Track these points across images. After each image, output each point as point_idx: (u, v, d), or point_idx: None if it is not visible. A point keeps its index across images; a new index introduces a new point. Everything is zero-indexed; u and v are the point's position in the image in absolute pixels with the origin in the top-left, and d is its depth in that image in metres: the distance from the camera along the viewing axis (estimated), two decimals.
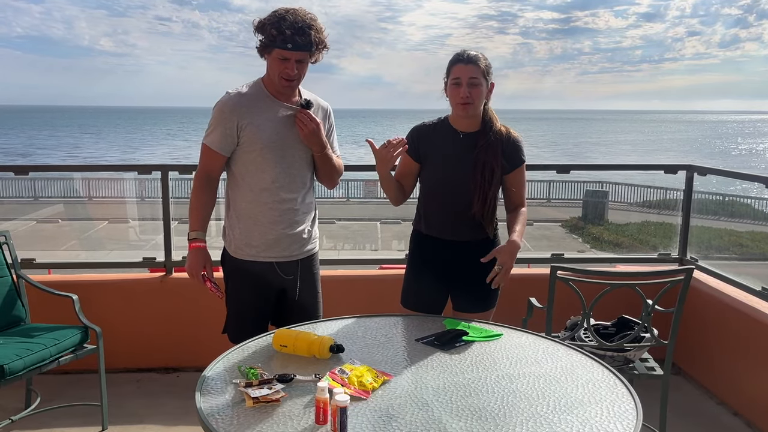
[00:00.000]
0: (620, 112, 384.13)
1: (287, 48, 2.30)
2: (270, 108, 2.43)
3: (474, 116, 2.52)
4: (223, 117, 2.39)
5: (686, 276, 2.62)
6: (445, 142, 2.56)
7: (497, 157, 2.50)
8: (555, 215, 21.35)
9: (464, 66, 2.45)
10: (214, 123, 2.42)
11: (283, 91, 2.43)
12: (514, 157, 2.55)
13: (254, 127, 2.39)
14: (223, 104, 2.41)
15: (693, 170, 3.93)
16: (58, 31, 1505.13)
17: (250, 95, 2.43)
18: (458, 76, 2.45)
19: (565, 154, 60.92)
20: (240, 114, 2.38)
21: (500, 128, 2.55)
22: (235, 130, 2.39)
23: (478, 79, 2.44)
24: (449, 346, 2.15)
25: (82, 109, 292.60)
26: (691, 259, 3.93)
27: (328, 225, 17.03)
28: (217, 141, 2.41)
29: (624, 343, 2.71)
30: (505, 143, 2.53)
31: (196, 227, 2.44)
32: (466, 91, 2.43)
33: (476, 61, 2.45)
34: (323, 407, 1.60)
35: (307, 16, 2.32)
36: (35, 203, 20.91)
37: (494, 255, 2.41)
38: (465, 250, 2.57)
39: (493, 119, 2.55)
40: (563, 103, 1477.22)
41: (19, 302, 3.14)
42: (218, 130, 2.41)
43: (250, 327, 2.39)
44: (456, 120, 2.56)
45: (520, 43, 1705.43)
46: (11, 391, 3.10)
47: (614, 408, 1.73)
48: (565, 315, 2.88)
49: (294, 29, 2.28)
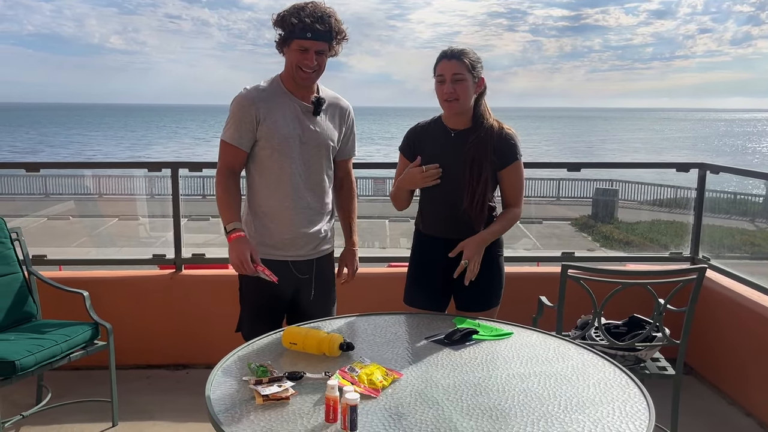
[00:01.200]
0: (630, 110, 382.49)
1: (307, 37, 2.29)
2: (287, 104, 2.42)
3: (464, 113, 2.49)
4: (242, 111, 2.38)
5: (699, 275, 2.59)
6: (437, 140, 2.55)
7: (486, 153, 2.47)
8: (565, 213, 21.28)
9: (447, 62, 2.43)
10: (232, 118, 2.40)
11: (302, 83, 2.40)
12: (506, 153, 2.50)
13: (271, 122, 2.38)
14: (242, 98, 2.39)
15: (705, 168, 3.89)
16: (69, 29, 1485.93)
17: (268, 90, 2.42)
18: (442, 72, 2.43)
19: (575, 152, 60.71)
20: (258, 108, 2.37)
21: (492, 123, 2.51)
22: (254, 124, 2.38)
23: (462, 75, 2.41)
24: (459, 344, 2.13)
25: (93, 106, 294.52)
26: (703, 258, 3.89)
27: (337, 223, 17.00)
28: (237, 136, 2.40)
29: (635, 343, 2.69)
30: (496, 138, 2.49)
31: (232, 218, 2.37)
32: (450, 87, 2.41)
33: (460, 56, 2.42)
34: (333, 405, 1.60)
35: (327, 8, 2.33)
36: (46, 200, 21.05)
37: (460, 249, 2.43)
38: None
39: (485, 115, 2.51)
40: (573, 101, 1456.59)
41: (30, 298, 3.16)
42: (237, 125, 2.39)
43: (264, 326, 2.39)
44: (448, 118, 2.54)
45: (529, 41, 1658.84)
46: (23, 387, 3.12)
47: (626, 408, 1.71)
48: (576, 314, 2.86)
49: (314, 18, 2.28)
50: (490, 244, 2.55)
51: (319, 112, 2.45)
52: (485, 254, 2.53)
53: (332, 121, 2.52)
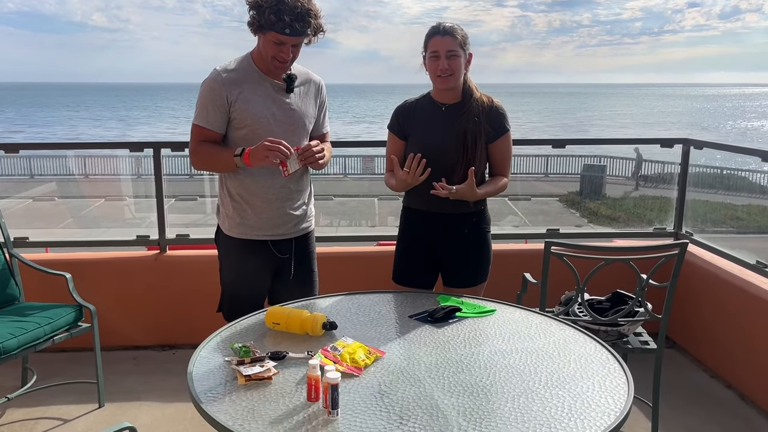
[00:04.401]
0: (619, 86, 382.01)
1: (285, 33, 2.26)
2: (259, 84, 2.40)
3: (455, 88, 2.53)
4: (213, 93, 2.36)
5: (680, 251, 2.61)
6: (427, 116, 2.57)
7: (480, 125, 2.50)
8: (552, 190, 21.32)
9: (441, 38, 2.45)
10: (203, 101, 2.38)
11: (275, 71, 2.40)
12: (498, 125, 2.56)
13: (244, 102, 2.36)
14: (212, 80, 2.36)
15: (689, 144, 3.91)
16: (50, 6, 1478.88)
17: (238, 71, 2.39)
18: (436, 49, 2.46)
19: (564, 128, 60.71)
20: (229, 89, 2.35)
21: (481, 97, 2.55)
22: (225, 106, 2.36)
23: (456, 51, 2.45)
24: (442, 322, 2.14)
25: (78, 85, 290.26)
26: (686, 234, 3.92)
27: (326, 201, 16.99)
28: (210, 119, 2.37)
29: (618, 318, 2.71)
30: (487, 111, 2.54)
31: (230, 151, 2.34)
32: (445, 63, 2.44)
33: (453, 33, 2.45)
34: (315, 384, 1.60)
35: (305, 2, 2.26)
36: (31, 181, 20.80)
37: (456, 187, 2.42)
38: (450, 223, 2.58)
39: (473, 89, 2.55)
40: (562, 77, 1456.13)
41: (12, 281, 3.13)
42: (208, 108, 2.37)
43: (244, 306, 2.39)
44: (438, 93, 2.57)
45: (518, 16, 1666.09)
46: (7, 369, 3.11)
47: (606, 383, 1.73)
48: (561, 290, 2.88)
49: (293, 15, 2.23)
50: (478, 220, 2.58)
51: (292, 89, 2.44)
52: (471, 230, 2.54)
53: (306, 97, 2.51)
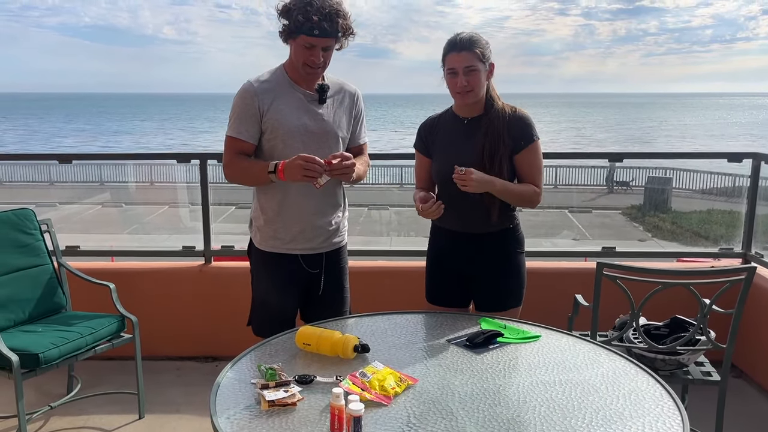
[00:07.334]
0: (688, 95, 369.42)
1: (314, 35, 2.21)
2: (291, 94, 2.35)
3: (476, 102, 2.40)
4: (245, 104, 2.32)
5: (747, 275, 2.40)
6: (449, 131, 2.47)
7: (501, 137, 2.36)
8: (615, 203, 20.71)
9: (457, 55, 2.31)
10: (236, 111, 2.35)
11: (307, 78, 2.35)
12: (522, 135, 2.38)
13: (276, 113, 2.32)
14: (244, 91, 2.34)
15: (760, 159, 3.64)
16: (124, 20, 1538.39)
17: (270, 81, 2.36)
18: (453, 66, 2.32)
19: (628, 139, 59.06)
20: (261, 100, 2.31)
21: (503, 107, 2.40)
22: (258, 116, 2.32)
23: (474, 66, 2.31)
24: (482, 347, 2.02)
25: (147, 96, 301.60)
26: (755, 255, 3.65)
27: (382, 211, 16.97)
28: (243, 129, 2.34)
29: (677, 346, 2.52)
30: (510, 121, 2.38)
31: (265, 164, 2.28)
32: (463, 80, 2.32)
33: (470, 47, 2.30)
34: (338, 415, 1.51)
35: (334, 2, 2.23)
36: (100, 188, 21.59)
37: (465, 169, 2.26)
38: (480, 243, 2.45)
39: (494, 99, 2.41)
40: (626, 87, 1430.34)
41: (59, 290, 3.17)
42: (241, 118, 2.34)
43: (273, 321, 2.32)
44: (459, 107, 2.46)
45: (581, 25, 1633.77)
46: (54, 377, 3.15)
47: (658, 423, 1.57)
48: (616, 312, 2.71)
49: (321, 15, 2.19)
50: (509, 239, 2.46)
51: (325, 100, 2.38)
52: (500, 251, 2.42)
53: (340, 108, 2.44)
